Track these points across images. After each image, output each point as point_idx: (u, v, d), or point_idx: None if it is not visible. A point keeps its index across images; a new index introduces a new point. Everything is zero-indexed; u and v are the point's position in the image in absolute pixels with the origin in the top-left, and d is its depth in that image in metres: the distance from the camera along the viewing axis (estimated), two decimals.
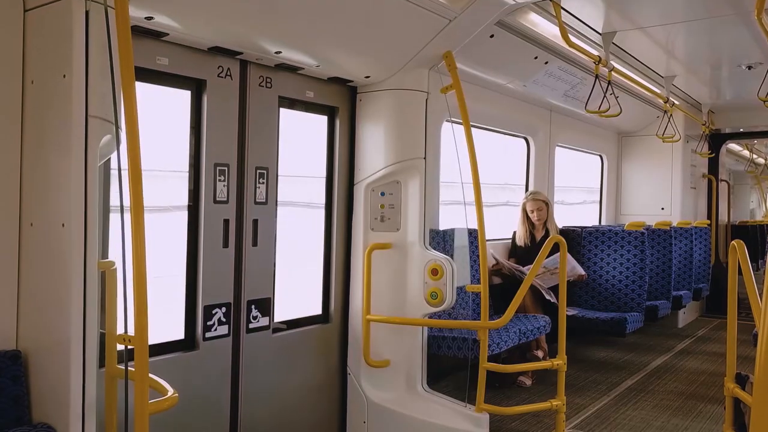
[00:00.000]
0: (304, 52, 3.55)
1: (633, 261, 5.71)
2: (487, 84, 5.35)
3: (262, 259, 3.70)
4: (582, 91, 5.89)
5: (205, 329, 3.39)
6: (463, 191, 4.01)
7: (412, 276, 4.10)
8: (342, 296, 4.27)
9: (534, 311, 5.23)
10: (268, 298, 3.74)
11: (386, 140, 4.15)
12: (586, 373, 5.60)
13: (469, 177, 3.92)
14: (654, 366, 5.93)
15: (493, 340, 4.20)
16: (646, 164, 8.07)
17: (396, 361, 4.15)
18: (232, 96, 3.49)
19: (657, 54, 5.95)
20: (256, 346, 3.68)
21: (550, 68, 5.38)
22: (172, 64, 3.17)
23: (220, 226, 3.45)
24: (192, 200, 3.37)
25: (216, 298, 3.44)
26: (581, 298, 5.93)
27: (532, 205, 5.67)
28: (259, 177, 3.65)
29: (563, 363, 3.99)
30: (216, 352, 3.45)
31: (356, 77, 4.02)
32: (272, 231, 3.76)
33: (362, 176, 4.22)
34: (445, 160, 4.71)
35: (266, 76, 3.66)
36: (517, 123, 6.19)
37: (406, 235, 4.14)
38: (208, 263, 3.39)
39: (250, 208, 3.61)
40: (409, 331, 4.13)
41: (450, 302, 4.00)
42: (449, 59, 3.99)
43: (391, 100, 4.12)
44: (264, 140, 3.69)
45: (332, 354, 4.24)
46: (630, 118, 7.36)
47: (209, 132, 3.37)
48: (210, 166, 3.38)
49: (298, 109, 3.99)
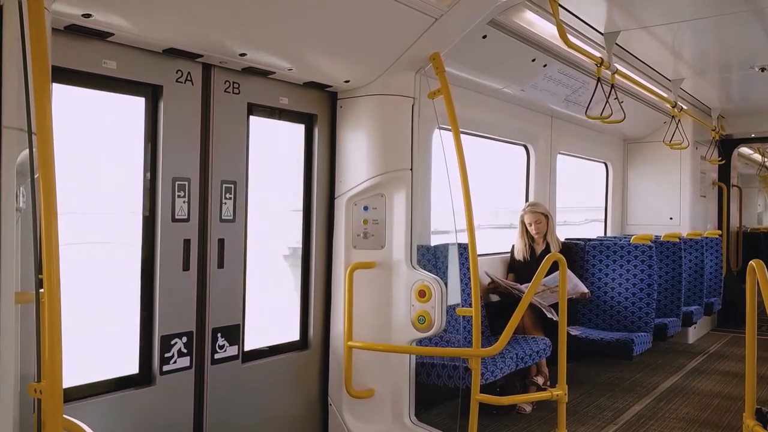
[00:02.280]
0: (273, 54, 3.22)
1: (640, 277, 5.34)
2: (482, 89, 5.01)
3: (230, 282, 3.36)
4: (584, 95, 5.55)
5: (162, 362, 3.06)
6: (452, 203, 3.68)
7: (398, 298, 3.76)
8: (322, 320, 3.93)
9: (534, 332, 4.87)
10: (236, 325, 3.40)
11: (369, 150, 3.82)
12: (589, 397, 5.23)
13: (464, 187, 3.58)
14: (663, 388, 5.54)
15: (487, 368, 3.84)
16: (653, 172, 7.72)
17: (381, 390, 3.81)
18: (194, 103, 3.16)
19: (663, 55, 5.60)
20: (224, 378, 3.34)
21: (549, 71, 5.03)
22: (121, 68, 2.85)
23: (180, 247, 3.11)
24: (147, 219, 3.04)
25: (175, 326, 3.10)
26: (585, 317, 5.56)
27: (530, 217, 5.32)
28: (226, 192, 3.32)
29: (564, 393, 3.65)
30: (175, 387, 3.12)
31: (335, 82, 3.69)
32: (241, 251, 3.43)
33: (343, 189, 3.88)
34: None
35: (233, 81, 3.34)
36: (515, 130, 5.85)
37: (391, 252, 3.80)
38: (165, 288, 3.05)
39: (215, 227, 3.28)
40: (395, 359, 3.80)
41: (439, 327, 3.67)
42: (437, 61, 3.66)
43: (374, 107, 3.79)
44: (231, 151, 3.36)
45: (312, 383, 3.90)
46: (636, 124, 7.02)
47: (167, 143, 3.05)
48: (167, 181, 3.05)
49: (271, 117, 3.67)
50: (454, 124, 3.60)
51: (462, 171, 3.57)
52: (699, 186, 7.93)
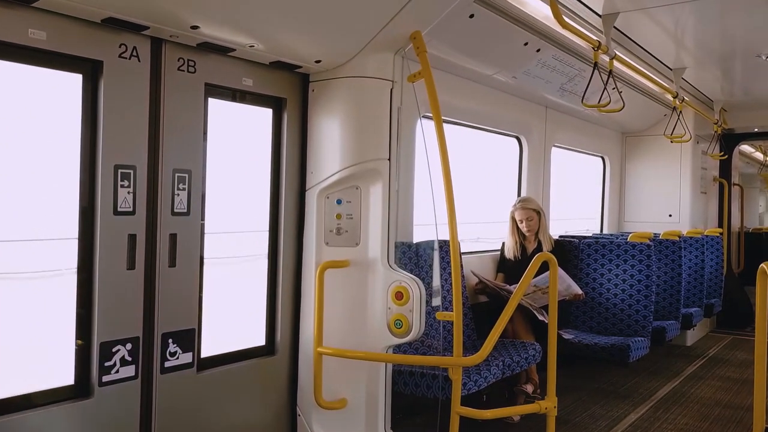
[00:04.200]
0: (230, 27, 2.87)
1: (638, 277, 5.02)
2: (471, 75, 4.67)
3: (183, 283, 3.03)
4: (581, 84, 5.20)
5: (101, 371, 2.72)
6: (433, 197, 3.35)
7: (374, 300, 3.44)
8: (291, 323, 3.61)
9: (524, 335, 4.55)
10: (190, 330, 3.07)
11: (343, 138, 3.48)
12: (582, 404, 4.91)
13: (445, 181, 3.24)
14: (661, 395, 5.23)
15: (470, 378, 3.52)
16: (652, 167, 7.39)
17: (354, 400, 3.49)
18: (141, 81, 2.82)
19: (665, 42, 5.27)
20: (175, 388, 3.01)
21: (544, 57, 4.69)
22: (51, 39, 2.50)
23: (123, 243, 2.78)
24: (84, 211, 2.70)
25: (117, 332, 2.77)
26: (578, 319, 5.24)
27: (521, 214, 4.98)
28: (179, 182, 2.98)
29: (553, 406, 3.34)
30: (117, 399, 2.78)
31: (305, 62, 3.35)
32: (196, 247, 3.09)
33: (315, 181, 3.55)
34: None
35: (188, 58, 2.99)
36: (507, 120, 5.51)
37: (366, 250, 3.47)
38: (105, 289, 2.72)
39: (166, 220, 2.94)
40: (370, 366, 3.47)
41: (417, 332, 3.34)
42: (418, 41, 3.33)
43: (348, 90, 3.46)
44: (185, 137, 3.02)
45: (279, 392, 3.57)
46: (635, 116, 6.69)
47: (108, 126, 2.70)
48: (108, 169, 2.71)
49: (233, 99, 3.32)
50: (435, 110, 3.26)
51: (444, 161, 3.24)
52: (700, 182, 7.61)
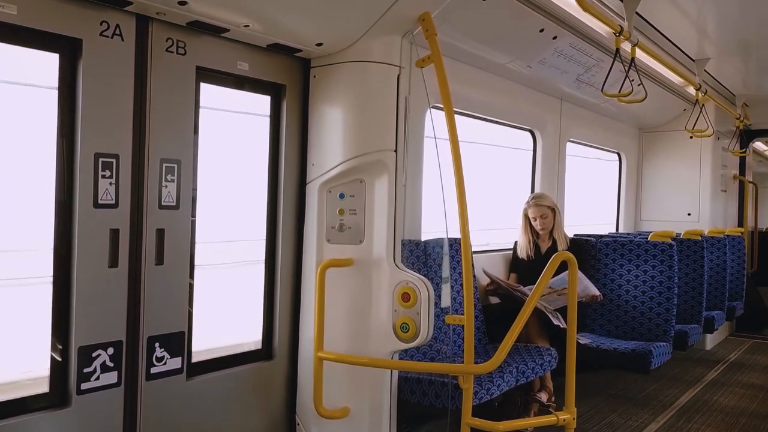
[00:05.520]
0: (221, 4, 2.63)
1: (659, 278, 4.74)
2: (483, 63, 4.42)
3: (171, 282, 2.80)
4: (599, 75, 4.94)
5: (80, 378, 2.50)
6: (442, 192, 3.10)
7: (379, 301, 3.20)
8: (290, 325, 3.37)
9: (538, 340, 4.29)
10: (179, 333, 2.84)
11: (347, 127, 3.24)
12: (600, 413, 4.65)
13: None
14: (682, 403, 4.96)
15: (482, 386, 3.27)
16: (670, 164, 7.10)
17: (357, 409, 3.26)
18: (124, 63, 2.59)
19: (687, 31, 5.00)
20: (163, 396, 2.78)
21: (560, 45, 4.43)
22: (23, 14, 2.28)
23: (105, 239, 2.55)
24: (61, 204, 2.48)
25: (98, 335, 2.55)
26: (595, 323, 4.97)
27: (534, 211, 4.72)
28: (167, 173, 2.75)
29: (572, 418, 3.09)
30: (98, 409, 2.56)
31: (305, 45, 3.11)
32: (187, 244, 2.86)
33: (316, 173, 3.31)
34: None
35: (177, 39, 2.76)
36: (521, 113, 5.25)
37: (371, 248, 3.23)
38: (85, 289, 2.50)
39: (153, 214, 2.71)
40: (374, 373, 3.24)
41: (425, 336, 3.10)
42: (427, 23, 3.08)
43: (352, 76, 3.22)
44: (174, 124, 2.79)
45: (276, 399, 3.34)
46: (653, 110, 6.40)
47: (87, 111, 2.48)
48: (88, 157, 2.49)
49: (228, 85, 3.09)
50: (445, 97, 3.02)
51: (454, 152, 3.00)
52: (720, 180, 7.31)
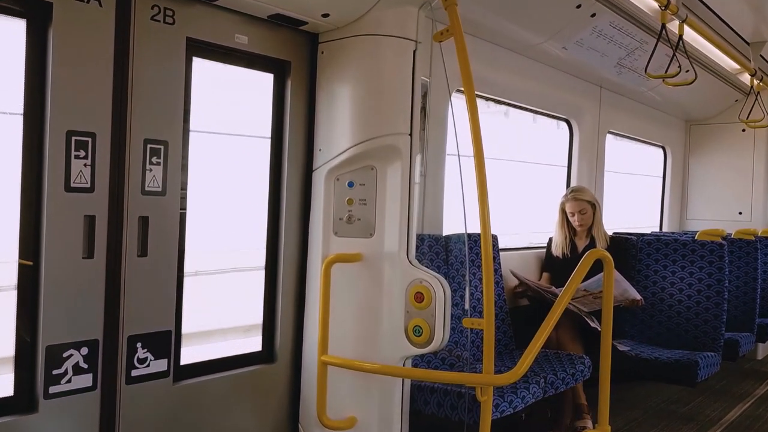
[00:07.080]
0: None
1: (707, 281, 4.31)
2: (513, 45, 4.07)
3: (156, 276, 2.53)
4: (642, 60, 4.54)
5: (48, 381, 2.25)
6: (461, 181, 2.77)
7: (390, 301, 2.88)
8: (293, 325, 3.09)
9: (570, 346, 3.92)
10: (165, 332, 2.57)
11: (356, 109, 2.93)
12: (638, 427, 4.24)
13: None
14: (730, 420, 4.51)
15: (504, 398, 2.93)
16: (720, 159, 6.63)
17: (364, 420, 2.95)
18: (103, 32, 2.33)
19: (742, 9, 4.55)
20: (145, 401, 2.52)
21: (599, 24, 4.04)
22: None
23: (79, 226, 2.30)
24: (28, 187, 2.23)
25: (69, 334, 2.29)
26: (635, 328, 4.56)
27: (572, 206, 4.34)
28: (152, 155, 2.49)
29: None
30: (69, 415, 2.31)
31: (310, 16, 2.81)
32: (174, 233, 2.59)
33: (323, 159, 3.01)
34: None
35: (164, 6, 2.49)
36: (556, 101, 4.88)
37: (382, 242, 2.92)
38: (54, 281, 2.25)
39: (135, 200, 2.45)
40: (384, 380, 2.92)
41: (440, 341, 2.78)
42: None
43: (363, 51, 2.90)
44: (161, 102, 2.52)
45: (278, 406, 3.06)
46: (702, 100, 5.95)
47: (58, 83, 2.23)
48: (59, 136, 2.23)
49: (224, 60, 2.81)
50: (466, 76, 2.66)
51: (475, 137, 2.66)
52: None
